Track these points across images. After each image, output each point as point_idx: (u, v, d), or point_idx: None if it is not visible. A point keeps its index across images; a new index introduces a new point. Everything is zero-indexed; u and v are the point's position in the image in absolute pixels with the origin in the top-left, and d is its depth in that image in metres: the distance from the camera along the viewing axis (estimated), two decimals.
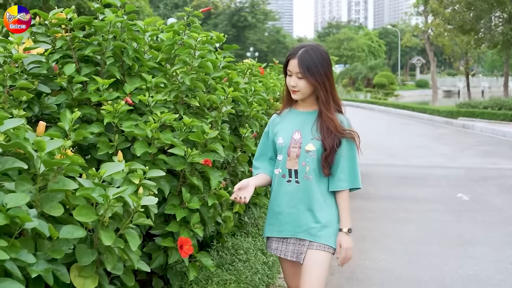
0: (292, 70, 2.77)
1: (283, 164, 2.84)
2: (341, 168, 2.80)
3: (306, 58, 2.72)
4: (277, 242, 2.90)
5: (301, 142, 2.80)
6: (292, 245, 2.84)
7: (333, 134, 2.76)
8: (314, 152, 2.77)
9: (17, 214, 1.99)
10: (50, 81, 3.26)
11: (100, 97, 3.12)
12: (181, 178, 3.18)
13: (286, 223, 2.84)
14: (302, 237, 2.81)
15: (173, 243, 3.02)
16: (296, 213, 2.81)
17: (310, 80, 2.73)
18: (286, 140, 2.84)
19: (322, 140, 2.77)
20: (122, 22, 3.35)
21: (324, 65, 2.76)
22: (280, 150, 2.87)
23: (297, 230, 2.82)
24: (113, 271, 2.43)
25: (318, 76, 2.73)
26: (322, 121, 2.79)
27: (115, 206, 2.34)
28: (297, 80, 2.76)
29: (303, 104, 2.91)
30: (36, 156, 2.25)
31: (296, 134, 2.83)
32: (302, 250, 2.81)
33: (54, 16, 3.48)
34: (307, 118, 2.87)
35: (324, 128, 2.78)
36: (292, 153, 2.81)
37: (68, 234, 2.21)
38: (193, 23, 3.55)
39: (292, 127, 2.87)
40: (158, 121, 3.01)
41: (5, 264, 1.98)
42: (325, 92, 2.77)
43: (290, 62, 2.78)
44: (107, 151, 2.99)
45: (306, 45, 2.82)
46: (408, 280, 4.88)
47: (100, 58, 3.35)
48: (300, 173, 2.80)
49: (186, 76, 3.33)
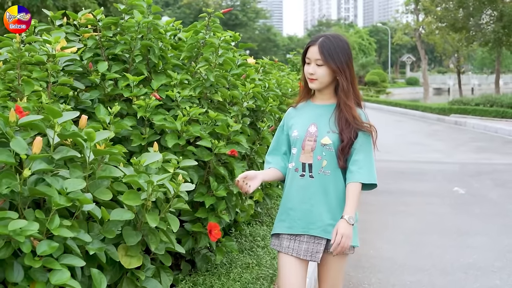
0: (311, 57, 2.65)
1: (297, 157, 2.71)
2: (355, 160, 2.66)
3: (327, 44, 2.62)
4: (288, 240, 2.71)
5: (316, 135, 2.67)
6: (306, 243, 2.67)
7: (351, 126, 2.64)
8: (330, 145, 2.64)
9: (77, 197, 2.21)
10: (82, 78, 3.46)
11: (131, 93, 3.33)
12: (207, 168, 3.40)
13: (298, 219, 2.68)
14: (317, 234, 2.65)
15: (202, 228, 3.23)
16: (308, 209, 2.66)
17: (331, 66, 2.61)
18: (301, 133, 2.71)
19: (339, 131, 2.64)
20: (149, 23, 3.55)
21: (344, 53, 2.65)
22: (294, 143, 2.74)
23: (310, 227, 2.66)
24: (156, 251, 2.65)
25: (339, 63, 2.62)
26: (341, 112, 2.67)
27: (160, 191, 2.56)
28: (315, 67, 2.64)
29: (321, 97, 2.78)
30: (86, 146, 2.47)
31: (312, 127, 2.71)
32: (319, 249, 2.65)
33: (83, 16, 3.69)
34: (324, 111, 2.73)
35: (343, 119, 2.65)
36: (306, 146, 2.68)
37: (118, 216, 2.43)
38: (214, 23, 3.76)
39: (308, 120, 2.74)
40: (187, 115, 3.22)
41: (67, 242, 2.20)
42: (345, 80, 2.65)
43: (309, 49, 2.67)
44: (139, 143, 3.20)
45: (327, 33, 2.72)
46: (410, 268, 5.11)
47: (129, 56, 3.55)
48: (315, 167, 2.66)
49: (210, 73, 3.55)
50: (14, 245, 2.00)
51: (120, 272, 2.60)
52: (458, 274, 4.94)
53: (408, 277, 4.86)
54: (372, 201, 7.86)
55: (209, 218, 3.24)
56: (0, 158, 2.08)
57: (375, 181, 2.68)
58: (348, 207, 2.62)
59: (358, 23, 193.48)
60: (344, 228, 2.56)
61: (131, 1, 3.70)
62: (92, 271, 2.27)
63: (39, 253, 2.01)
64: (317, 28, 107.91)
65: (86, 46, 3.54)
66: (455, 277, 4.88)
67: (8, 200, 2.16)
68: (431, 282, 4.74)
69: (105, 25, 3.62)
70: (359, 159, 2.66)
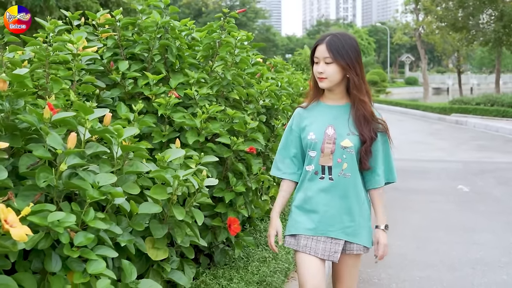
0: (319, 56, 2.63)
1: (316, 160, 2.68)
2: (377, 163, 2.70)
3: (335, 41, 2.60)
4: (306, 239, 2.70)
5: (335, 138, 2.65)
6: (323, 243, 2.67)
7: (370, 123, 2.64)
8: (351, 148, 2.63)
9: (109, 190, 2.29)
10: (102, 76, 3.54)
11: (151, 91, 3.42)
12: (225, 164, 3.48)
13: (317, 221, 2.68)
14: (335, 236, 2.66)
15: (221, 223, 3.32)
16: (329, 211, 2.66)
17: (340, 63, 2.58)
18: (319, 135, 2.67)
19: (359, 132, 2.63)
20: (167, 23, 3.63)
21: (353, 50, 2.62)
22: (312, 146, 2.69)
23: (329, 229, 2.66)
24: (182, 244, 2.73)
25: (348, 59, 2.59)
26: (357, 110, 2.65)
27: (185, 185, 2.64)
28: (325, 66, 2.61)
29: (332, 97, 2.74)
30: (114, 142, 2.55)
31: (329, 129, 2.67)
32: (337, 249, 2.66)
33: (102, 17, 3.77)
34: (340, 112, 2.71)
35: (360, 117, 2.64)
36: (326, 149, 2.65)
37: (146, 209, 2.51)
38: (230, 22, 3.84)
39: (324, 122, 2.70)
40: (206, 112, 3.31)
41: (100, 234, 2.28)
42: (356, 76, 2.62)
43: (317, 49, 2.65)
44: (160, 139, 3.29)
45: (334, 31, 2.69)
46: (419, 264, 5.20)
47: (147, 55, 3.63)
48: (335, 169, 2.65)
49: (227, 72, 3.63)
50: (53, 236, 2.08)
51: (146, 264, 2.69)
52: (466, 270, 5.03)
53: (418, 273, 4.95)
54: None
55: (228, 213, 3.33)
56: (37, 153, 2.16)
57: (394, 180, 2.81)
58: (381, 215, 2.76)
59: (357, 23, 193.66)
60: (384, 239, 2.72)
61: (149, 2, 3.77)
62: (123, 262, 2.35)
63: (76, 244, 2.10)
64: (316, 28, 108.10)
65: (105, 45, 3.61)
66: (463, 272, 4.96)
67: (44, 193, 2.24)
68: (440, 277, 4.83)
69: (124, 25, 3.70)
70: (380, 161, 2.72)
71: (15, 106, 2.40)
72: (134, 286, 2.35)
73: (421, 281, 4.75)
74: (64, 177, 2.28)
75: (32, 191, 2.20)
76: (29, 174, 2.24)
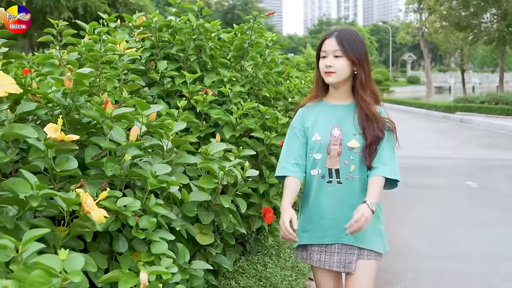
0: (328, 49, 2.53)
1: (322, 163, 2.58)
2: (379, 157, 2.54)
3: (345, 35, 2.53)
4: (319, 253, 2.62)
5: (341, 139, 2.55)
6: (337, 254, 2.58)
7: (373, 122, 2.54)
8: (358, 148, 2.53)
9: (166, 179, 2.51)
10: (141, 75, 3.77)
11: (188, 89, 3.64)
12: (258, 157, 3.70)
13: (329, 228, 2.58)
14: (348, 242, 2.56)
15: (256, 212, 3.54)
16: (340, 216, 2.53)
17: (350, 57, 2.50)
18: (325, 137, 2.58)
19: (363, 131, 2.54)
20: (200, 25, 3.85)
21: (363, 45, 2.56)
22: (317, 148, 2.59)
23: (341, 235, 2.54)
24: (226, 230, 2.95)
25: (358, 54, 2.52)
26: (360, 109, 2.56)
27: (231, 175, 2.87)
28: (333, 60, 2.51)
29: (337, 95, 2.65)
30: (164, 136, 2.78)
31: (335, 130, 2.57)
32: (352, 259, 2.57)
33: (138, 19, 3.99)
34: (346, 112, 2.62)
35: (363, 116, 2.55)
36: (332, 151, 2.55)
37: (196, 197, 2.74)
38: (259, 24, 4.06)
39: (330, 122, 2.60)
40: (241, 109, 3.53)
41: (158, 219, 2.50)
42: (364, 73, 2.55)
43: (325, 42, 2.56)
44: (198, 134, 3.51)
45: (342, 27, 2.66)
46: (434, 255, 5.42)
47: (183, 55, 3.86)
48: (343, 172, 2.55)
49: (258, 71, 3.85)
50: (122, 219, 2.30)
51: (194, 249, 2.91)
52: (480, 261, 5.24)
53: (433, 263, 5.16)
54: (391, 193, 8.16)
55: (262, 203, 3.55)
56: (104, 144, 2.39)
57: (398, 178, 2.57)
58: (370, 193, 2.47)
59: (358, 22, 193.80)
60: (364, 210, 2.38)
61: (183, 5, 4.00)
62: (178, 245, 2.58)
63: (141, 227, 2.32)
64: (318, 27, 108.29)
65: (143, 46, 3.84)
66: (478, 263, 5.17)
67: (109, 181, 2.47)
68: (455, 267, 5.05)
69: (160, 27, 3.92)
70: (382, 156, 2.54)
71: (77, 103, 2.62)
72: (188, 266, 2.58)
73: (436, 271, 4.97)
74: (125, 167, 2.50)
75: (98, 179, 2.42)
76: (94, 164, 2.46)
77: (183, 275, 2.50)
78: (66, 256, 1.55)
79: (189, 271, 2.58)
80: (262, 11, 51.52)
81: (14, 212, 2.06)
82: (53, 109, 2.57)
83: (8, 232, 1.94)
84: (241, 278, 3.36)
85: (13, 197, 1.97)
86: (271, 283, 3.30)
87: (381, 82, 47.36)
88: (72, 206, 2.01)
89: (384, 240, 2.67)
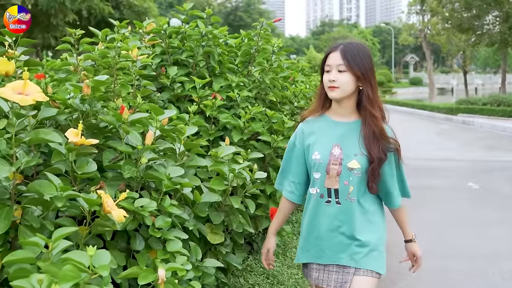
0: (332, 64, 2.45)
1: (320, 182, 2.51)
2: (392, 185, 2.57)
3: (350, 49, 2.44)
4: (317, 271, 2.57)
5: (341, 158, 2.46)
6: (335, 273, 2.52)
7: (379, 142, 2.46)
8: (359, 170, 2.45)
9: (179, 181, 2.64)
10: (152, 80, 3.90)
11: (198, 94, 3.77)
12: (265, 160, 3.83)
13: (326, 248, 2.52)
14: (345, 263, 2.50)
15: (263, 213, 3.67)
16: (337, 237, 2.50)
17: (355, 72, 2.40)
18: (324, 156, 2.49)
19: (368, 151, 2.45)
20: (211, 32, 3.99)
21: (368, 59, 2.47)
22: (317, 167, 2.51)
23: (339, 256, 2.50)
24: (236, 229, 3.08)
25: (363, 69, 2.43)
26: (368, 126, 2.46)
27: (240, 177, 3.00)
28: (337, 74, 2.42)
29: (340, 111, 2.55)
30: (177, 140, 2.91)
31: (335, 149, 2.48)
32: (347, 279, 2.50)
33: (149, 25, 4.12)
34: (348, 130, 2.52)
35: (370, 134, 2.46)
36: (331, 170, 2.47)
37: (208, 198, 2.86)
38: (266, 30, 4.19)
39: (330, 140, 2.51)
40: (249, 113, 3.66)
41: (172, 218, 2.63)
42: (370, 88, 2.46)
43: (330, 56, 2.48)
44: (208, 138, 3.64)
45: (347, 40, 2.54)
46: (437, 254, 5.54)
47: (192, 61, 3.99)
48: (342, 193, 2.47)
49: (265, 76, 3.98)
50: (139, 219, 2.43)
51: (205, 247, 3.04)
52: (482, 260, 5.37)
53: (436, 262, 5.28)
54: None
55: (269, 204, 3.68)
56: (122, 148, 2.52)
57: (408, 196, 2.72)
58: (406, 230, 2.78)
59: (361, 23, 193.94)
60: (419, 250, 2.79)
61: (192, 12, 4.13)
62: (191, 244, 2.71)
63: (157, 226, 2.45)
64: (320, 29, 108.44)
65: (153, 52, 3.97)
66: (479, 262, 5.30)
67: (126, 183, 2.60)
68: (457, 266, 5.17)
69: (170, 33, 4.05)
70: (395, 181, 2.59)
71: (94, 108, 2.76)
72: (200, 264, 2.72)
73: (439, 270, 5.09)
74: (141, 170, 2.63)
75: (116, 181, 2.56)
76: (111, 166, 2.59)
77: (195, 272, 2.63)
78: (94, 252, 1.68)
79: (201, 268, 2.71)
80: (265, 13, 51.39)
81: (38, 213, 2.20)
82: (72, 114, 2.70)
83: (35, 230, 2.08)
84: (250, 276, 3.49)
85: (38, 198, 2.10)
86: (278, 281, 3.43)
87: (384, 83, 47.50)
88: (94, 206, 2.14)
89: (384, 262, 2.58)
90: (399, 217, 2.72)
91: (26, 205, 2.14)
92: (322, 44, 76.32)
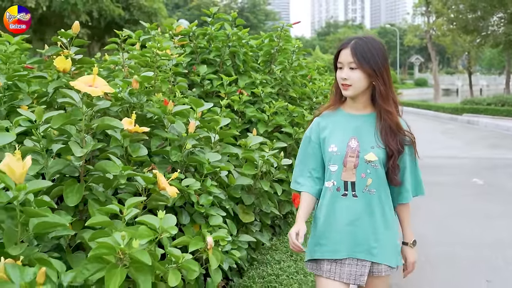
0: (343, 61, 2.42)
1: (337, 175, 2.46)
2: (406, 177, 2.53)
3: (360, 45, 2.39)
4: (329, 264, 2.48)
5: (358, 151, 2.43)
6: (348, 265, 2.46)
7: (396, 135, 2.44)
8: (376, 162, 2.43)
9: (218, 165, 3.01)
10: (183, 78, 4.26)
11: (225, 90, 4.13)
12: (287, 150, 4.19)
13: (341, 242, 2.45)
14: (361, 257, 2.44)
15: (286, 197, 4.03)
16: (354, 230, 2.44)
17: (366, 69, 2.37)
18: (341, 148, 2.45)
19: (386, 144, 2.43)
20: (236, 34, 4.35)
21: (380, 55, 2.41)
22: (334, 159, 2.47)
23: (355, 250, 2.44)
24: (265, 210, 3.44)
25: (375, 65, 2.38)
26: (383, 121, 2.45)
27: (269, 163, 3.36)
28: (349, 72, 2.40)
29: (355, 105, 2.53)
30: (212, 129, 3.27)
31: (353, 141, 2.46)
32: (363, 272, 2.44)
33: (178, 27, 4.48)
34: (364, 123, 2.50)
35: (387, 128, 2.44)
36: (348, 163, 2.43)
37: (241, 181, 3.22)
38: (286, 32, 4.55)
39: (347, 133, 2.48)
40: (273, 107, 4.02)
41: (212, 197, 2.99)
42: (383, 85, 2.40)
43: (341, 53, 2.44)
44: (235, 130, 3.99)
45: (359, 35, 2.49)
46: (442, 242, 5.89)
47: (219, 60, 4.35)
48: (359, 185, 2.43)
49: (286, 74, 4.35)
50: (186, 196, 2.79)
51: (237, 226, 3.40)
52: (486, 247, 5.71)
53: (441, 248, 5.64)
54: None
55: (291, 190, 4.03)
56: (168, 135, 2.89)
57: (423, 193, 2.65)
58: (408, 231, 2.62)
59: (366, 24, 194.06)
60: (413, 256, 2.59)
61: (218, 15, 4.50)
62: (228, 221, 3.06)
63: (201, 203, 2.81)
64: (326, 29, 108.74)
65: (184, 52, 4.33)
66: (483, 249, 5.65)
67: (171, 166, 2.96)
68: (462, 252, 5.52)
69: (198, 34, 4.41)
70: (408, 176, 2.55)
71: (141, 101, 3.12)
72: (236, 239, 3.08)
73: (446, 255, 5.43)
74: (185, 155, 3.00)
75: (163, 164, 2.92)
76: (159, 152, 2.95)
77: (232, 245, 2.99)
78: (163, 215, 2.04)
79: (237, 243, 3.07)
80: (271, 14, 51.36)
81: (101, 189, 2.55)
82: (123, 106, 3.06)
83: (101, 203, 2.44)
84: (275, 253, 3.84)
85: (102, 176, 2.47)
86: (301, 258, 3.77)
87: None
88: (149, 184, 2.50)
89: (399, 255, 2.57)
90: (404, 214, 2.63)
91: (92, 183, 2.49)
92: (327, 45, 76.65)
